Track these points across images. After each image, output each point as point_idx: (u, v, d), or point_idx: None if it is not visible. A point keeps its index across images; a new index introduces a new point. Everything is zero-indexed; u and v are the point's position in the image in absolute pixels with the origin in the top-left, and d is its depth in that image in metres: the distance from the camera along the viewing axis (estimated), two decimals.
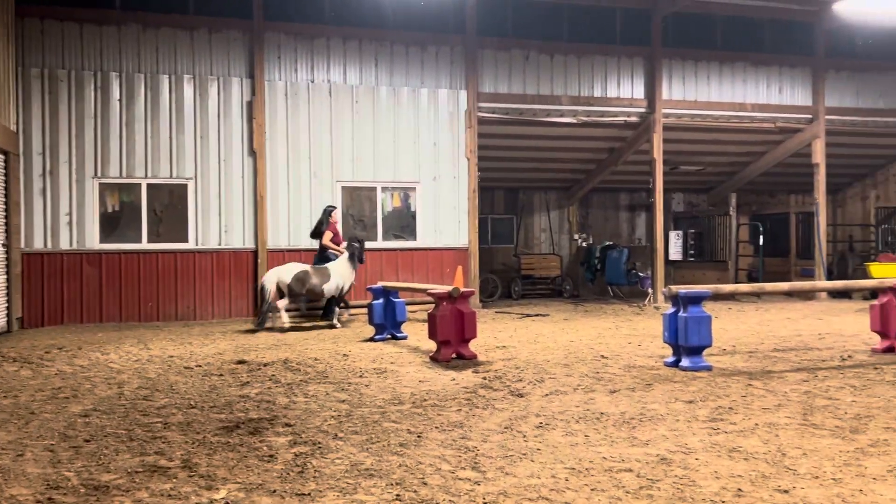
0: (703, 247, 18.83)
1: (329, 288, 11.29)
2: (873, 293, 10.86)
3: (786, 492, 3.64)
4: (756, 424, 5.01)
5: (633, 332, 10.51)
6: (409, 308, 11.02)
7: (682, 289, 7.36)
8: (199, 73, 13.03)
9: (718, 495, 3.61)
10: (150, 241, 12.71)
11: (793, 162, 17.73)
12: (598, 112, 15.38)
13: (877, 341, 8.39)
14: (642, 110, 15.60)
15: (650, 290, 15.36)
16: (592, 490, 3.74)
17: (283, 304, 11.14)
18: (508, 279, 17.44)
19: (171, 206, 12.92)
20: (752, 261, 18.08)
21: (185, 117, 12.92)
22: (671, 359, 7.44)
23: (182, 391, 6.48)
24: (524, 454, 4.39)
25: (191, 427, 5.14)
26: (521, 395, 6.10)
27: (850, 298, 16.03)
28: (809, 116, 16.65)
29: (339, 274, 11.38)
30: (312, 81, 13.60)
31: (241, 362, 8.01)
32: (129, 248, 12.57)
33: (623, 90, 15.55)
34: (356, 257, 11.49)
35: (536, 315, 13.36)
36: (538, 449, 4.50)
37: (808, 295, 16.17)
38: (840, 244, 19.68)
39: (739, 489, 3.69)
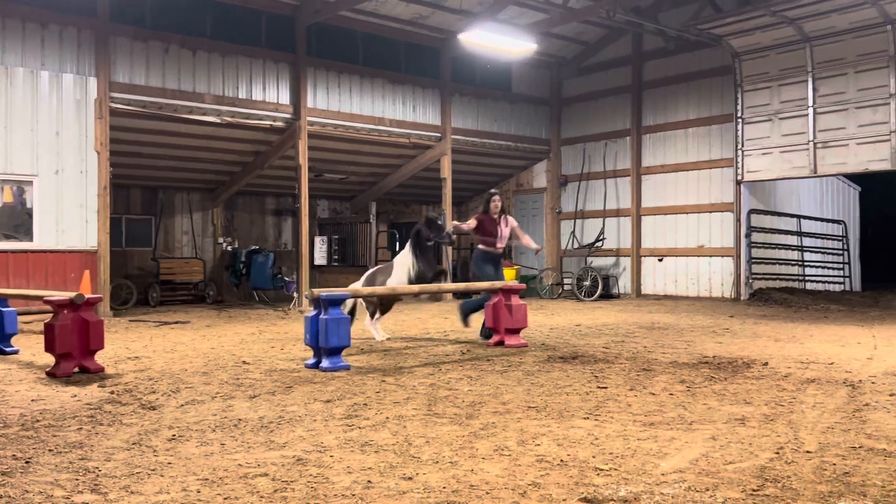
0: (346, 252, 19.59)
1: None
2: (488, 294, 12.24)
3: (410, 478, 3.90)
4: (387, 418, 5.31)
5: (276, 337, 10.52)
6: (25, 318, 9.71)
7: (324, 291, 7.55)
8: None
9: (350, 489, 3.75)
10: None
11: (424, 175, 19.32)
12: (243, 114, 15.16)
13: (493, 337, 9.46)
14: (288, 116, 15.75)
15: (295, 295, 15.52)
16: (226, 499, 3.62)
17: None
18: (146, 285, 16.33)
19: None
20: None
21: None
22: (312, 360, 7.58)
23: None
24: (153, 470, 4.11)
25: None
26: (153, 408, 5.72)
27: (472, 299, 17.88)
28: (439, 135, 18.29)
29: None
30: None
31: None
32: None
33: (269, 94, 15.53)
34: None
35: (176, 322, 12.69)
36: (169, 463, 4.25)
37: (437, 296, 17.71)
38: (464, 251, 21.91)
39: (369, 481, 3.87)
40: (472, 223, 9.97)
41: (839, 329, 11.05)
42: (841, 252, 20.77)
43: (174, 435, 4.88)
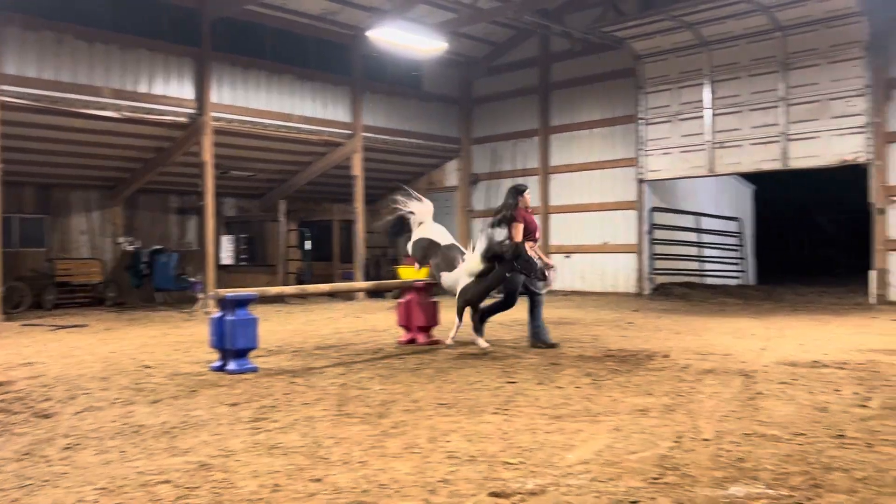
0: (254, 251, 19.18)
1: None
2: (401, 292, 12.24)
3: (319, 480, 3.85)
4: (296, 420, 5.23)
5: (181, 339, 10.19)
6: None
7: (229, 292, 7.37)
8: None
9: (256, 493, 3.67)
10: None
11: (335, 173, 19.11)
12: (144, 108, 14.61)
13: (402, 334, 9.45)
14: (192, 111, 15.28)
15: (201, 296, 15.09)
16: None
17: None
18: (40, 287, 15.51)
19: None
20: (301, 265, 18.98)
21: None
22: (218, 363, 7.38)
23: None
24: (46, 481, 3.91)
25: None
26: (47, 416, 5.44)
27: (384, 297, 17.86)
28: (350, 132, 18.13)
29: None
30: None
31: None
32: None
33: (172, 89, 15.03)
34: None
35: (73, 326, 12.13)
36: (64, 473, 4.05)
37: (349, 295, 17.57)
38: (376, 249, 21.81)
39: (276, 484, 3.80)
40: (519, 227, 8.57)
41: (735, 322, 11.58)
42: (737, 248, 21.76)
43: (70, 444, 4.66)
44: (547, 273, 8.64)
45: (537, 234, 8.95)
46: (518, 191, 8.78)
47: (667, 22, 15.67)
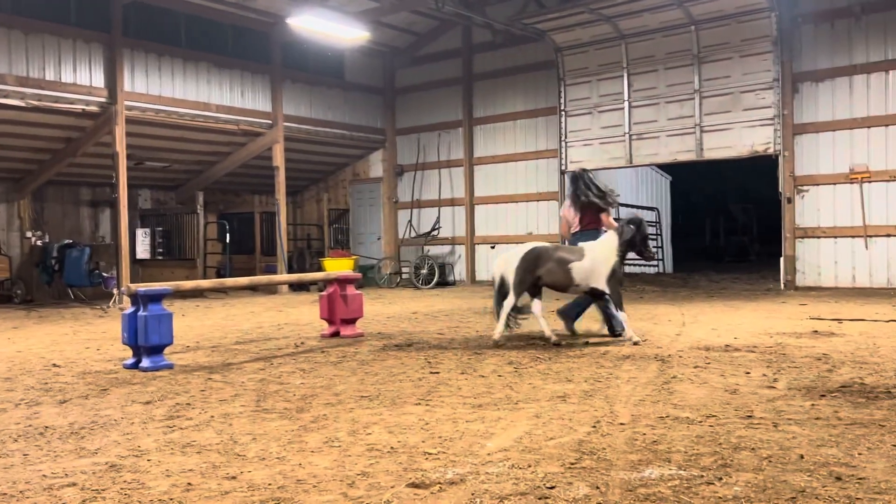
0: (171, 245, 18.61)
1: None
2: (324, 285, 12.09)
3: (233, 478, 3.76)
4: (212, 417, 5.09)
5: (93, 337, 9.82)
6: None
7: (142, 286, 7.12)
8: None
9: (168, 493, 3.55)
10: None
11: (256, 164, 18.72)
12: (51, 97, 13.96)
13: (326, 328, 9.34)
14: (102, 100, 14.69)
15: (115, 291, 14.57)
16: None
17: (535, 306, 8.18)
18: None
19: None
20: (221, 258, 18.55)
21: None
22: (131, 360, 7.14)
23: None
24: None
25: None
26: None
27: (308, 291, 17.62)
28: (270, 122, 17.77)
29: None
30: None
31: None
32: None
33: (81, 76, 14.41)
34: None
35: None
36: None
37: (271, 289, 17.27)
38: (300, 241, 21.51)
39: (189, 483, 3.68)
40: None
41: (653, 308, 11.89)
42: (655, 237, 22.35)
43: None
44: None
45: None
46: (577, 178, 8.73)
47: (586, 14, 15.91)
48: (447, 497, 3.39)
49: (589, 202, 8.61)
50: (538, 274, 8.04)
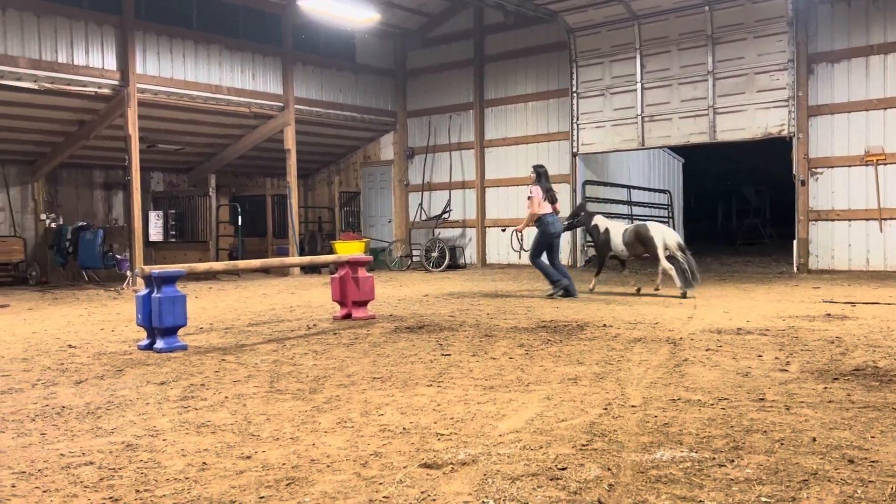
0: (184, 227, 18.71)
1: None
2: (336, 267, 12.14)
3: (248, 457, 3.80)
4: (226, 397, 5.14)
5: (107, 318, 9.90)
6: None
7: (156, 268, 7.17)
8: None
9: (183, 472, 3.59)
10: None
11: (268, 147, 18.75)
12: (64, 80, 14.01)
13: (338, 310, 9.38)
14: (115, 83, 14.72)
15: (129, 273, 14.68)
16: (45, 492, 3.37)
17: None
18: None
19: None
20: (233, 241, 18.64)
21: None
22: (145, 342, 7.20)
23: None
24: None
25: None
26: None
27: (320, 273, 17.69)
28: (281, 104, 17.77)
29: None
30: None
31: None
32: None
33: (93, 59, 14.44)
34: None
35: None
36: None
37: (283, 271, 17.35)
38: (311, 224, 21.57)
39: (204, 462, 3.73)
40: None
41: (664, 290, 11.86)
42: (667, 220, 22.26)
43: None
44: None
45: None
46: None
47: None
48: (459, 477, 3.42)
49: (554, 197, 11.77)
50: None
